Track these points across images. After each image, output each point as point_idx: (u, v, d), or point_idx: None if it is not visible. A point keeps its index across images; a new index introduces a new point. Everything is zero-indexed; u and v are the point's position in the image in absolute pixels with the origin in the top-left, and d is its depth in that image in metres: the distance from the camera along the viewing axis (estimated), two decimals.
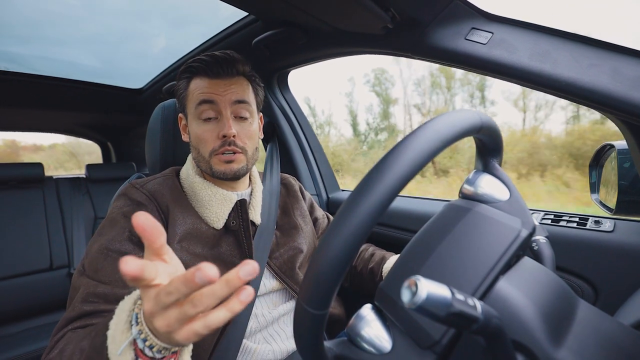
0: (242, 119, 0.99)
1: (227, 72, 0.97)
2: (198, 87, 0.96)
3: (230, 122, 0.94)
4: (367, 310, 0.54)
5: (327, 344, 0.52)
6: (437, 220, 0.60)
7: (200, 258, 0.90)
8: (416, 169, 0.41)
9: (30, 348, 1.88)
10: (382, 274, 1.09)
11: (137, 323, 0.50)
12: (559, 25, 0.83)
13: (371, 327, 0.51)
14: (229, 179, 0.98)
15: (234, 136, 0.94)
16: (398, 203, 1.51)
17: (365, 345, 0.51)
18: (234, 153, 0.95)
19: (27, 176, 2.29)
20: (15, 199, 2.23)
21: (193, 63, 0.97)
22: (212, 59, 0.96)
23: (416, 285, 0.35)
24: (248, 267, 0.43)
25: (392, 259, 1.11)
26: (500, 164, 0.62)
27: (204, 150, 0.96)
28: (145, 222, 0.44)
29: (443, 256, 0.52)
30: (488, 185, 0.60)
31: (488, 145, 0.59)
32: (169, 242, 0.88)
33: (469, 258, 0.50)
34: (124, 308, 0.54)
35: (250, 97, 1.01)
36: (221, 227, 0.96)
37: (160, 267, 0.48)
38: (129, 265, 0.40)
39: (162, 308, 0.45)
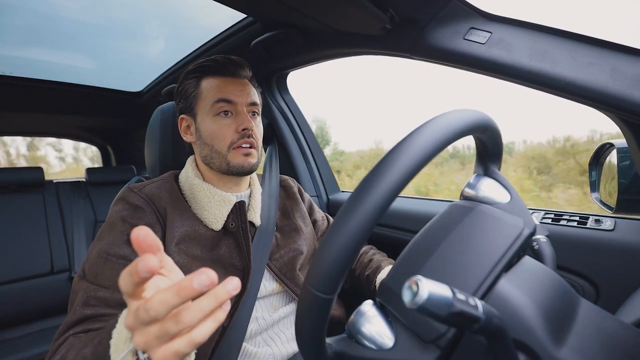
0: (254, 115, 1.03)
1: (239, 74, 1.01)
2: (213, 85, 0.98)
3: (248, 117, 0.98)
4: (367, 306, 0.53)
5: (327, 340, 0.52)
6: (441, 218, 0.61)
7: (199, 260, 0.89)
8: (427, 157, 0.42)
9: (32, 352, 1.88)
10: (376, 285, 1.08)
11: None
12: (558, 24, 0.83)
13: (372, 323, 0.51)
14: (245, 172, 0.99)
15: (251, 129, 0.98)
16: (399, 203, 1.50)
17: (366, 342, 0.50)
18: (251, 147, 0.98)
19: (27, 180, 2.29)
20: (16, 203, 2.23)
21: (206, 63, 1.00)
22: (227, 60, 1.00)
23: (417, 285, 0.35)
24: (234, 282, 0.43)
25: (386, 270, 1.09)
26: (499, 169, 0.64)
27: (220, 145, 0.97)
28: (144, 238, 0.43)
29: (447, 252, 0.52)
30: (489, 188, 0.62)
31: (489, 149, 0.60)
32: (166, 245, 0.88)
33: (472, 254, 0.51)
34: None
35: (259, 100, 1.05)
36: (220, 228, 0.96)
37: (152, 280, 0.47)
38: (142, 230, 0.41)
39: (141, 324, 0.43)
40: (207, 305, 0.42)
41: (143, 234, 0.43)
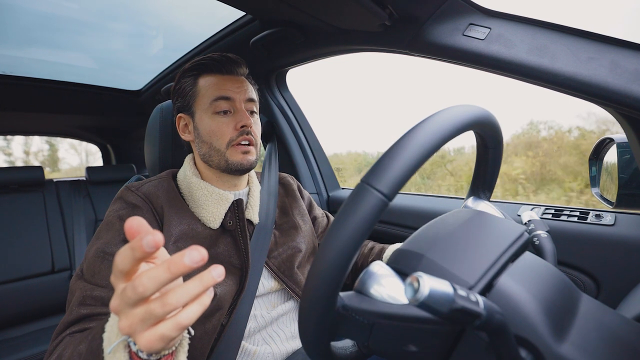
0: (252, 113, 1.03)
1: (236, 72, 1.01)
2: (211, 83, 0.98)
3: (247, 114, 0.98)
4: (377, 266, 0.50)
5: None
6: (454, 212, 0.63)
7: None
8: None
9: (32, 351, 1.89)
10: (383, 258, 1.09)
11: None
12: (557, 19, 0.83)
13: (382, 284, 0.48)
14: (244, 170, 0.99)
15: (250, 127, 0.98)
16: (400, 200, 1.50)
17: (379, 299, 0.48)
18: (249, 144, 0.99)
19: (28, 180, 2.28)
20: (16, 202, 2.23)
21: (203, 61, 1.00)
22: (224, 58, 1.00)
23: (418, 281, 0.35)
24: (218, 270, 0.43)
25: (393, 247, 1.10)
26: (489, 199, 0.70)
27: (219, 142, 0.97)
28: (138, 228, 0.43)
29: (459, 235, 0.54)
30: (484, 209, 0.68)
31: (488, 173, 0.66)
32: (164, 244, 0.88)
33: (482, 242, 0.53)
34: None
35: (256, 97, 1.05)
36: (217, 226, 0.96)
37: (144, 267, 0.47)
38: (135, 220, 0.41)
39: (127, 305, 0.42)
40: (193, 288, 0.42)
41: (137, 224, 0.43)
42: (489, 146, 0.62)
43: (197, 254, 0.40)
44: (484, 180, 0.67)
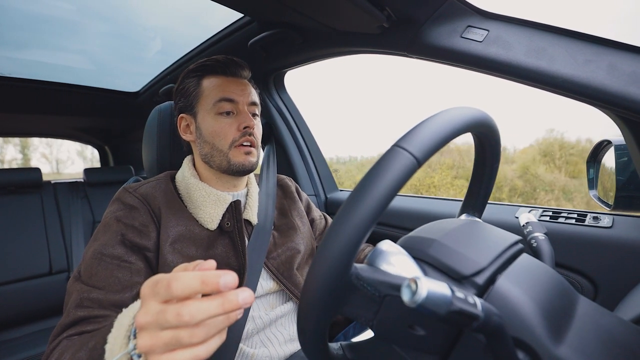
0: (254, 116, 1.04)
1: (240, 74, 1.02)
2: (215, 85, 0.99)
3: (250, 116, 0.99)
4: (387, 244, 0.49)
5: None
6: (455, 218, 0.64)
7: (194, 260, 0.89)
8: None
9: (30, 353, 1.88)
10: None
11: (135, 337, 0.49)
12: (555, 21, 0.83)
13: (391, 263, 0.47)
14: (245, 171, 1.00)
15: (252, 128, 0.99)
16: (398, 202, 1.50)
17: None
18: (251, 145, 0.99)
19: (25, 181, 2.28)
20: (14, 204, 2.22)
21: (207, 62, 1.01)
22: (228, 60, 1.01)
23: (416, 283, 0.35)
24: (241, 310, 0.45)
25: None
26: (480, 217, 0.70)
27: (222, 143, 0.97)
28: (209, 266, 0.46)
29: (467, 230, 0.55)
30: None
31: (481, 194, 0.66)
32: (161, 245, 0.88)
33: (488, 235, 0.54)
34: (122, 322, 0.54)
35: (258, 100, 1.06)
36: (215, 228, 0.95)
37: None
38: (231, 276, 0.42)
39: (158, 327, 0.42)
40: (221, 324, 0.44)
41: (208, 266, 0.46)
42: (487, 164, 0.62)
43: (249, 295, 0.43)
44: (476, 199, 0.67)
